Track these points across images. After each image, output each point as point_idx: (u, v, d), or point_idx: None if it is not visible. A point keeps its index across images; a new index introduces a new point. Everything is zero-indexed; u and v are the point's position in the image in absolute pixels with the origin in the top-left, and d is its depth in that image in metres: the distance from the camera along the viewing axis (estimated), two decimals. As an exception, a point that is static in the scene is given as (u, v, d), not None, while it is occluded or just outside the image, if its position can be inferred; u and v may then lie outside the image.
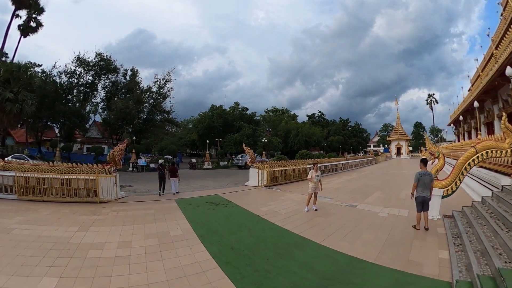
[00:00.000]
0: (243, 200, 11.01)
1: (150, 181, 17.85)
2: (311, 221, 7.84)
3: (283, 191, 13.48)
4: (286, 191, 13.33)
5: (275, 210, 9.24)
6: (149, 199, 11.26)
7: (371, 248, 5.61)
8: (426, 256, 5.17)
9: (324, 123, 75.23)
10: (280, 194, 12.65)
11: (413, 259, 5.03)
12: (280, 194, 12.65)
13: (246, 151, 15.53)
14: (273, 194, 12.66)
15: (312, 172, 9.33)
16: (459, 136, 45.81)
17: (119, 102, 31.07)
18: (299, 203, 10.31)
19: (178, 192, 12.57)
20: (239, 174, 23.11)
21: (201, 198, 11.27)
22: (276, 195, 12.24)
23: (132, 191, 13.24)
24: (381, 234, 6.53)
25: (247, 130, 42.62)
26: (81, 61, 35.76)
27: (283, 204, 10.40)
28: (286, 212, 9.03)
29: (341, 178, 20.23)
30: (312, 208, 9.13)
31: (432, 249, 5.51)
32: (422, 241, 6.07)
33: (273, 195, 12.24)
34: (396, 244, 5.85)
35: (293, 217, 8.36)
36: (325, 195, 11.19)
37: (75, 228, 7.05)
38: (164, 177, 12.89)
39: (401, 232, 6.73)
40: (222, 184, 16.17)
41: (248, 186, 14.76)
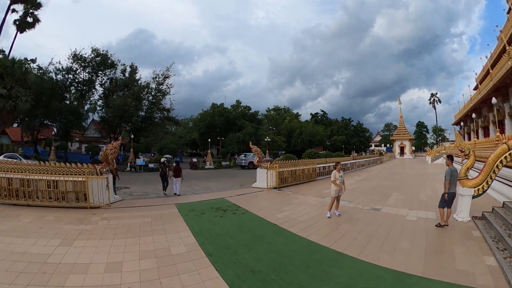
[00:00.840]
0: (253, 204, 9.73)
1: (148, 182, 16.57)
2: (338, 230, 6.76)
3: (295, 193, 12.25)
4: (298, 194, 12.13)
5: (293, 217, 8.01)
6: (147, 203, 9.95)
7: (414, 259, 4.97)
8: (473, 264, 4.73)
9: (327, 122, 74.00)
10: (293, 197, 11.41)
11: (461, 268, 4.57)
12: (292, 197, 11.41)
13: (253, 150, 14.25)
14: (285, 197, 11.41)
15: (335, 173, 8.17)
16: (465, 135, 45.05)
17: (117, 99, 29.73)
18: (317, 207, 9.32)
19: (179, 195, 11.75)
20: (243, 175, 21.83)
21: (205, 202, 9.98)
22: (289, 199, 10.99)
23: (128, 193, 11.95)
24: (418, 241, 5.92)
25: (249, 129, 41.28)
26: (77, 57, 34.40)
27: (300, 209, 9.19)
28: (306, 219, 7.83)
29: (352, 178, 19.10)
30: (335, 214, 8.14)
31: (476, 256, 5.08)
32: (463, 246, 5.56)
33: (285, 199, 10.99)
34: (437, 252, 5.39)
35: (316, 225, 7.19)
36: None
37: (56, 242, 5.81)
38: (166, 176, 12.00)
39: (437, 237, 6.29)
40: (227, 186, 14.86)
41: (256, 188, 13.48)
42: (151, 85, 35.03)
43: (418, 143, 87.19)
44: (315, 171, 18.14)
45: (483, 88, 26.83)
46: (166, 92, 35.57)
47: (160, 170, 12.74)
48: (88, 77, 35.73)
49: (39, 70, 35.14)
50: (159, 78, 34.73)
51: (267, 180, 13.20)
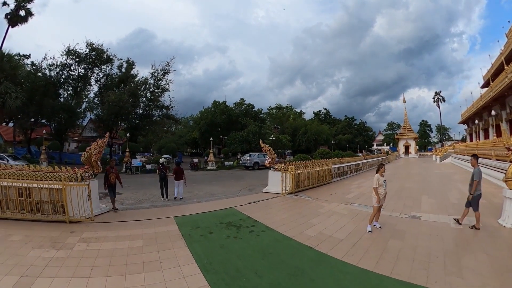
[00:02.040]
0: (271, 216, 7.87)
1: (144, 186, 14.73)
2: (388, 249, 5.39)
3: (316, 199, 10.45)
4: (320, 200, 10.38)
5: (327, 234, 6.30)
6: (139, 216, 8.02)
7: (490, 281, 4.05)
8: None
9: (330, 120, 72.07)
10: (316, 204, 9.60)
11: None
12: (315, 204, 9.59)
13: (265, 149, 12.38)
14: (306, 205, 9.57)
15: (378, 177, 6.65)
16: (472, 134, 43.67)
17: (111, 94, 27.68)
18: (350, 218, 7.80)
19: (182, 198, 10.70)
20: (249, 177, 19.97)
21: (211, 214, 8.08)
22: (312, 207, 9.17)
23: (119, 201, 10.07)
24: (480, 256, 5.03)
25: (253, 127, 39.31)
26: (72, 53, 32.45)
27: (331, 221, 7.44)
28: (344, 236, 6.18)
29: (368, 179, 17.40)
30: (375, 226, 6.76)
31: None
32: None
33: (308, 207, 9.14)
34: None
35: (360, 244, 5.63)
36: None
37: (11, 281, 3.99)
38: (166, 179, 10.60)
39: (499, 249, 5.39)
40: (234, 191, 12.99)
41: (268, 194, 11.60)
42: (149, 81, 32.97)
43: (422, 142, 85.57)
44: (330, 172, 16.38)
45: (496, 86, 25.57)
46: (165, 88, 33.49)
47: (158, 172, 11.02)
48: (83, 73, 33.78)
49: (32, 66, 33.26)
50: (158, 74, 32.68)
51: (282, 184, 11.33)
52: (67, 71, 33.26)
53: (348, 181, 17.01)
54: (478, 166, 6.78)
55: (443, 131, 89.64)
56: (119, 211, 8.72)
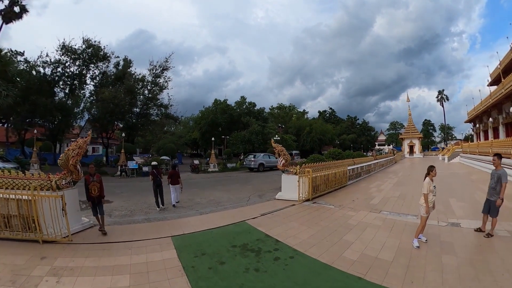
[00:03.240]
0: (295, 233, 6.30)
1: (138, 192, 13.12)
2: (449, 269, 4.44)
3: (340, 207, 8.97)
4: (344, 208, 8.90)
5: (372, 255, 5.00)
6: (128, 234, 6.39)
7: None
8: None
9: (334, 120, 70.45)
10: (342, 214, 8.08)
11: None
12: (341, 214, 8.07)
13: (277, 149, 10.77)
14: (331, 215, 8.03)
15: (429, 182, 5.62)
16: (480, 133, 42.46)
17: (106, 92, 26.03)
18: (387, 230, 6.61)
19: (178, 202, 9.82)
20: (256, 180, 18.31)
21: (219, 232, 6.46)
22: (339, 218, 7.64)
23: (107, 212, 8.48)
24: None
25: (256, 127, 37.68)
26: (67, 49, 30.84)
27: (368, 236, 6.11)
28: (392, 256, 4.99)
29: (383, 181, 16.13)
30: (421, 240, 5.73)
31: None
32: None
33: (334, 218, 7.61)
34: None
35: (415, 266, 4.58)
36: (401, 210, 8.53)
37: None
38: (161, 185, 9.21)
39: None
40: (242, 198, 11.31)
41: (282, 201, 10.02)
42: (147, 78, 31.28)
43: (425, 142, 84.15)
44: (346, 174, 14.88)
45: (508, 83, 24.39)
46: (164, 86, 31.82)
47: (152, 178, 9.33)
48: (78, 70, 32.19)
49: (25, 63, 31.71)
50: (156, 70, 30.99)
51: (299, 189, 9.74)
52: (62, 68, 31.70)
53: (363, 183, 15.55)
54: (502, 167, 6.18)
55: (447, 131, 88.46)
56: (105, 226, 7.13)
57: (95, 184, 6.61)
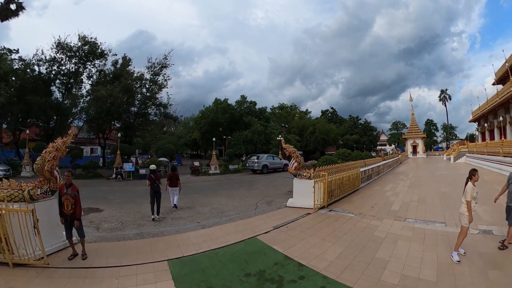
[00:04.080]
0: (319, 252, 5.20)
1: (133, 198, 11.98)
2: None
3: (360, 215, 7.97)
4: (365, 216, 7.92)
5: (413, 276, 4.31)
6: (115, 256, 5.22)
7: None
8: None
9: (337, 120, 69.24)
10: (365, 224, 7.07)
11: None
12: (365, 224, 7.06)
13: (288, 150, 9.64)
14: (353, 225, 6.98)
15: (472, 188, 4.94)
16: (485, 132, 41.59)
17: (101, 89, 24.83)
18: (419, 242, 5.81)
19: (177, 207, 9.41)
20: (261, 183, 17.12)
21: (227, 253, 5.31)
22: (364, 229, 6.64)
23: (95, 225, 7.34)
24: None
25: (258, 127, 36.44)
26: (63, 46, 29.63)
27: (401, 251, 5.29)
28: (435, 275, 4.29)
29: (396, 183, 15.12)
30: (460, 253, 5.04)
31: None
32: None
33: (358, 230, 6.57)
34: None
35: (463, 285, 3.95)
36: (426, 217, 7.79)
37: None
38: (159, 192, 8.21)
39: None
40: (248, 205, 10.14)
41: (295, 209, 8.91)
42: (145, 75, 30.03)
43: (427, 142, 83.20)
44: (359, 177, 13.85)
45: None
46: (163, 85, 30.57)
47: (149, 184, 8.31)
48: (75, 68, 31.00)
49: (20, 61, 30.53)
50: (155, 68, 29.74)
51: (315, 196, 8.62)
52: (57, 67, 30.50)
53: (376, 186, 14.49)
54: None
55: (450, 130, 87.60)
56: (88, 244, 6.01)
57: (68, 199, 5.13)
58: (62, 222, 5.21)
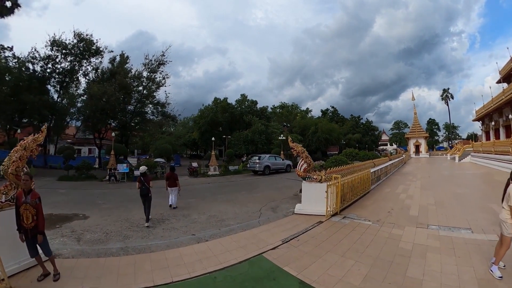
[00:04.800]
0: (340, 273, 4.23)
1: (124, 202, 10.99)
2: None
3: (377, 223, 7.05)
4: (384, 223, 7.01)
5: None
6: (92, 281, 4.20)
7: None
8: None
9: (339, 119, 68.12)
10: (386, 233, 6.16)
11: None
12: (385, 233, 6.14)
13: (297, 150, 8.62)
14: (374, 236, 6.04)
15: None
16: (489, 131, 40.83)
17: (95, 86, 23.81)
18: (450, 254, 5.03)
19: (175, 208, 9.54)
20: (263, 185, 16.08)
21: (226, 278, 4.30)
22: (386, 239, 5.74)
23: (76, 235, 6.35)
24: None
25: (259, 126, 35.40)
26: (57, 43, 28.64)
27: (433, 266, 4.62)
28: None
29: (407, 185, 14.12)
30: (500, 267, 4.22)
31: None
32: None
33: (380, 241, 5.67)
34: None
35: None
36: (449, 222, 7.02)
37: None
38: (147, 195, 7.68)
39: None
40: (251, 211, 9.06)
41: (304, 216, 7.92)
42: (142, 73, 28.96)
43: (430, 142, 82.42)
44: (369, 178, 12.90)
45: None
46: (161, 83, 29.55)
47: (138, 187, 7.82)
48: (70, 66, 29.99)
49: (14, 59, 29.54)
50: (152, 65, 28.68)
51: (328, 201, 7.63)
52: (52, 64, 29.53)
53: (387, 188, 13.50)
54: None
55: (452, 130, 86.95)
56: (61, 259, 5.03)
57: (28, 208, 4.13)
58: (22, 239, 4.20)
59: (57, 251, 5.53)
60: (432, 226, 6.65)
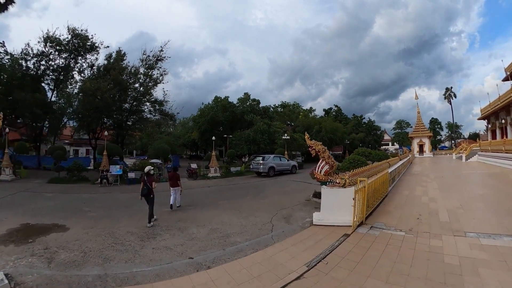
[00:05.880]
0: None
1: (113, 209, 9.61)
2: None
3: (411, 233, 5.99)
4: (419, 234, 5.95)
5: None
6: None
7: None
8: None
9: (342, 118, 66.83)
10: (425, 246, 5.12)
11: None
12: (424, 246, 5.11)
13: (316, 149, 7.28)
14: (413, 250, 4.93)
15: None
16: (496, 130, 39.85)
17: (87, 82, 22.50)
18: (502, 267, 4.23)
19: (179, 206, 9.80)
20: (270, 189, 14.60)
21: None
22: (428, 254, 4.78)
23: (49, 254, 5.09)
24: None
25: (261, 125, 34.07)
26: (51, 40, 27.34)
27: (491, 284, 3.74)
28: None
29: (424, 186, 12.96)
30: None
31: None
32: None
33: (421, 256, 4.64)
34: None
35: None
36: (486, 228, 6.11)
37: None
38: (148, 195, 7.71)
39: None
40: (261, 223, 7.60)
41: (326, 228, 6.65)
42: (139, 69, 27.58)
43: (432, 141, 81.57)
44: (387, 180, 11.71)
45: None
46: (159, 80, 28.22)
47: (143, 186, 7.83)
48: (65, 63, 28.68)
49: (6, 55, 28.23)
50: (150, 61, 27.33)
51: (355, 210, 6.37)
52: (45, 61, 28.18)
53: (404, 190, 12.23)
54: None
55: (455, 129, 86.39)
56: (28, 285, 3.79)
57: None
58: None
59: (19, 278, 4.30)
60: (470, 234, 5.82)
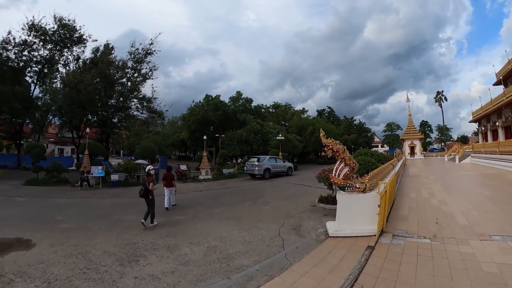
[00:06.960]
0: None
1: (89, 219, 8.16)
2: None
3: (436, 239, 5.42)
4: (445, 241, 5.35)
5: None
6: None
7: None
8: None
9: (334, 120, 66.62)
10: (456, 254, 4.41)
11: None
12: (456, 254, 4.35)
13: (334, 149, 6.10)
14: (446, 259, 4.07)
15: None
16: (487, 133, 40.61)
17: (70, 74, 20.85)
18: None
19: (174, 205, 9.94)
20: (268, 193, 13.31)
21: None
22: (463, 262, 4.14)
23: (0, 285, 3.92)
24: None
25: (254, 125, 32.99)
26: (36, 29, 25.18)
27: None
28: None
29: (428, 188, 12.17)
30: None
31: None
32: None
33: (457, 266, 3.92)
34: None
35: None
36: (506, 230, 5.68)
37: None
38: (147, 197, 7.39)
39: None
40: (268, 236, 6.33)
41: (345, 240, 5.68)
42: (127, 63, 25.90)
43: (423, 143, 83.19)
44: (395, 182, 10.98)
45: None
46: (148, 75, 26.66)
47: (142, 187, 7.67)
48: (49, 55, 26.61)
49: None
50: (138, 54, 25.76)
51: (380, 218, 5.40)
52: (28, 52, 25.97)
53: (410, 192, 11.42)
54: None
55: (445, 131, 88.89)
56: None
57: None
58: None
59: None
60: (495, 237, 5.46)
